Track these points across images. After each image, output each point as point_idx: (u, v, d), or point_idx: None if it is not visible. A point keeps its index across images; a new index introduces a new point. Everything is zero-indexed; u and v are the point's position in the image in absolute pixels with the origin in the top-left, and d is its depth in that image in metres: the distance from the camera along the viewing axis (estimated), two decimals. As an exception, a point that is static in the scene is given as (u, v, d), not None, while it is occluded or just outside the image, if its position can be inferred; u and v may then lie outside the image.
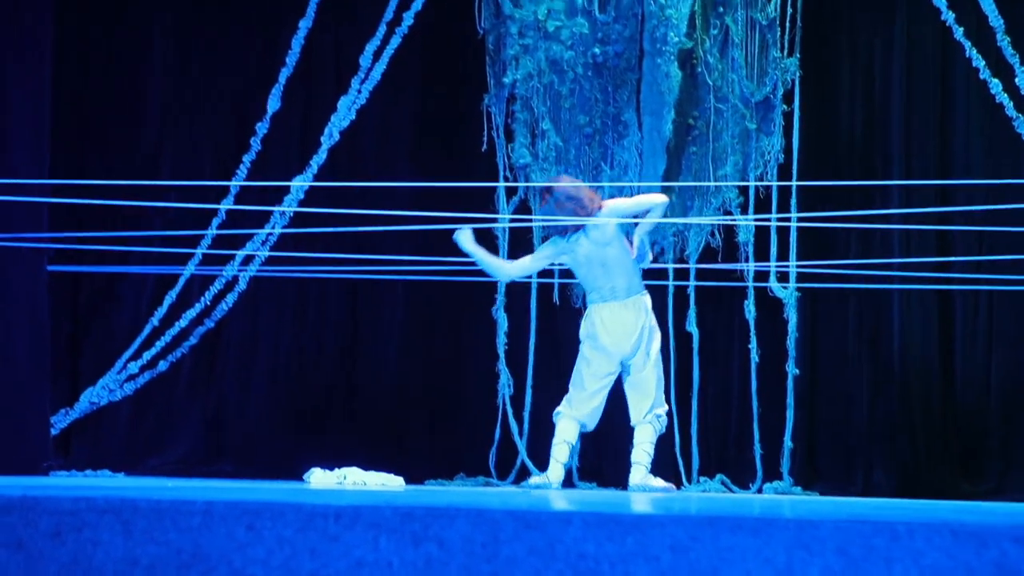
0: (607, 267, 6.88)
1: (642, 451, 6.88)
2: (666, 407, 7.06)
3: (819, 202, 7.72)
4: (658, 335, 6.98)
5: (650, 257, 7.12)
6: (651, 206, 6.89)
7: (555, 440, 6.97)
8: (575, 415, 6.94)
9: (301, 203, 8.12)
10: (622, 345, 6.87)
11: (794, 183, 7.89)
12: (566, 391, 7.05)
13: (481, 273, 7.25)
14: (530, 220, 7.85)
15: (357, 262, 7.76)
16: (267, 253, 8.13)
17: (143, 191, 8.12)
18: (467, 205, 7.44)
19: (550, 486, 6.90)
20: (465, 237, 6.96)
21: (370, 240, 7.72)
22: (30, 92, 7.21)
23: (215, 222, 8.06)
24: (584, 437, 7.28)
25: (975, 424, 7.79)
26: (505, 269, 7.15)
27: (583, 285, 7.12)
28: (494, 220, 8.01)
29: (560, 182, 7.03)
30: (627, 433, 7.05)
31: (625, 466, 7.18)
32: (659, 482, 6.91)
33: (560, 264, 7.36)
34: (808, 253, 7.86)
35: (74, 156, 8.22)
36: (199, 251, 8.07)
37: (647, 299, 6.96)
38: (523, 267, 7.11)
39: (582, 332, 6.98)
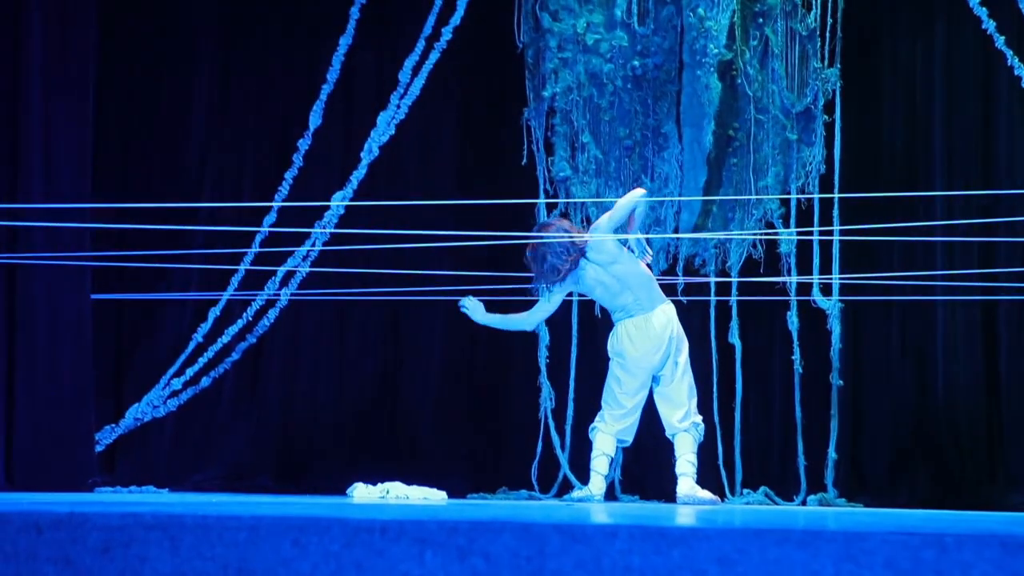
0: (622, 283, 6.85)
1: (686, 461, 6.85)
2: (700, 416, 7.02)
3: (861, 213, 7.68)
4: (686, 344, 6.95)
5: (649, 252, 7.07)
6: (634, 205, 6.82)
7: (594, 453, 6.95)
8: (611, 432, 6.93)
9: (342, 219, 8.16)
10: (651, 358, 6.84)
11: (836, 195, 7.85)
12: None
13: (524, 290, 7.23)
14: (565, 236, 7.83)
15: (398, 278, 7.78)
16: (308, 269, 8.16)
17: (185, 215, 8.19)
18: (508, 219, 7.45)
19: (592, 499, 6.89)
20: (476, 310, 7.01)
21: (411, 255, 7.74)
22: (74, 119, 7.28)
23: (258, 238, 8.11)
24: (626, 450, 7.27)
25: (1021, 435, 7.71)
26: (525, 321, 7.12)
27: (606, 307, 7.08)
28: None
29: (541, 237, 6.91)
30: (668, 445, 7.03)
31: (667, 478, 7.15)
32: (706, 494, 6.88)
33: (582, 296, 7.38)
34: (850, 264, 7.82)
35: (117, 172, 8.28)
36: (242, 267, 8.11)
37: (671, 308, 6.93)
38: (541, 313, 7.06)
39: (610, 350, 6.96)
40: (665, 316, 6.87)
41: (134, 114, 8.42)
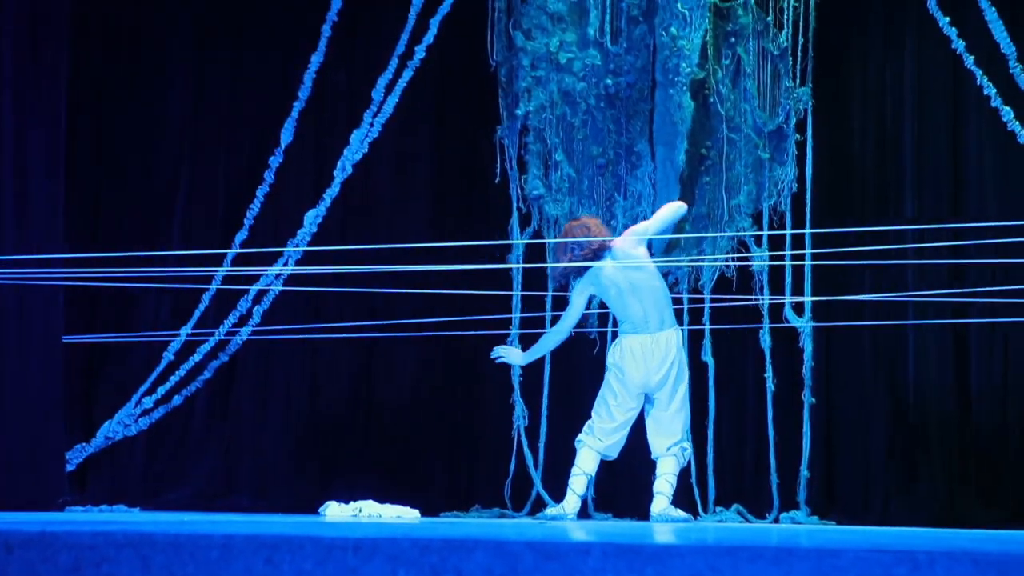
0: (637, 293, 6.82)
1: (665, 481, 6.84)
2: (689, 443, 7.02)
3: (833, 234, 7.72)
4: (687, 376, 6.94)
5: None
6: (674, 219, 6.93)
7: (574, 470, 6.93)
8: (597, 447, 6.89)
9: (315, 236, 8.15)
10: (649, 379, 6.82)
11: (808, 231, 7.87)
12: (580, 422, 7.02)
13: (496, 307, 7.24)
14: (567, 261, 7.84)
15: (370, 296, 7.77)
16: (280, 289, 8.15)
17: (157, 230, 8.17)
18: (481, 236, 7.46)
19: (566, 517, 6.87)
20: (512, 354, 7.05)
21: (384, 274, 7.74)
22: (46, 130, 7.25)
23: (229, 256, 8.09)
24: (600, 468, 7.25)
25: (992, 452, 7.75)
26: (558, 331, 7.08)
27: (615, 314, 7.04)
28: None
29: (570, 231, 6.96)
30: (643, 463, 7.03)
31: (641, 496, 7.16)
32: (679, 513, 6.88)
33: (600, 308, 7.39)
34: (822, 282, 7.85)
35: (90, 187, 8.26)
36: (213, 286, 8.09)
37: (678, 335, 6.92)
38: (570, 318, 7.02)
39: (609, 360, 6.93)
40: (672, 340, 6.85)
41: (106, 131, 8.40)
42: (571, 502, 6.90)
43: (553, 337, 7.12)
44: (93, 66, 8.31)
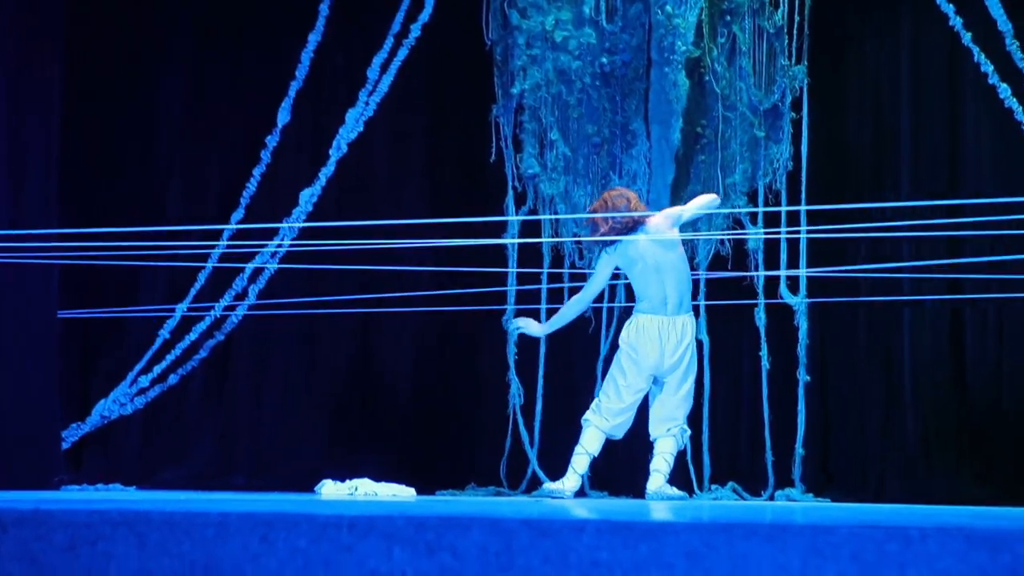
0: (661, 273, 6.77)
1: (662, 460, 6.84)
2: (688, 427, 7.00)
3: (829, 211, 7.71)
4: (695, 367, 6.91)
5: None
6: (708, 207, 6.95)
7: (578, 449, 6.88)
8: (604, 427, 6.86)
9: (311, 215, 8.14)
10: (663, 361, 6.77)
11: (803, 206, 7.87)
12: (576, 400, 7.03)
13: (493, 284, 7.24)
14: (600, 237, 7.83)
15: (368, 274, 7.77)
16: (276, 267, 8.14)
17: (153, 210, 8.16)
18: (477, 214, 7.45)
19: (564, 495, 6.87)
20: (530, 326, 6.99)
21: (381, 252, 7.73)
22: (42, 100, 7.23)
23: (225, 234, 8.08)
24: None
25: (987, 429, 7.76)
26: (579, 301, 7.02)
27: (636, 291, 6.92)
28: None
29: (609, 200, 6.94)
30: (641, 443, 7.04)
31: (638, 476, 7.17)
32: (674, 491, 6.89)
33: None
34: (818, 260, 7.85)
35: (87, 167, 8.24)
36: (210, 264, 8.08)
37: (694, 322, 6.91)
38: (592, 288, 6.97)
39: (623, 339, 6.84)
40: (688, 326, 6.82)
41: (103, 110, 8.38)
42: (571, 480, 6.88)
43: (575, 307, 7.05)
44: (91, 46, 8.29)
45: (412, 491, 7.19)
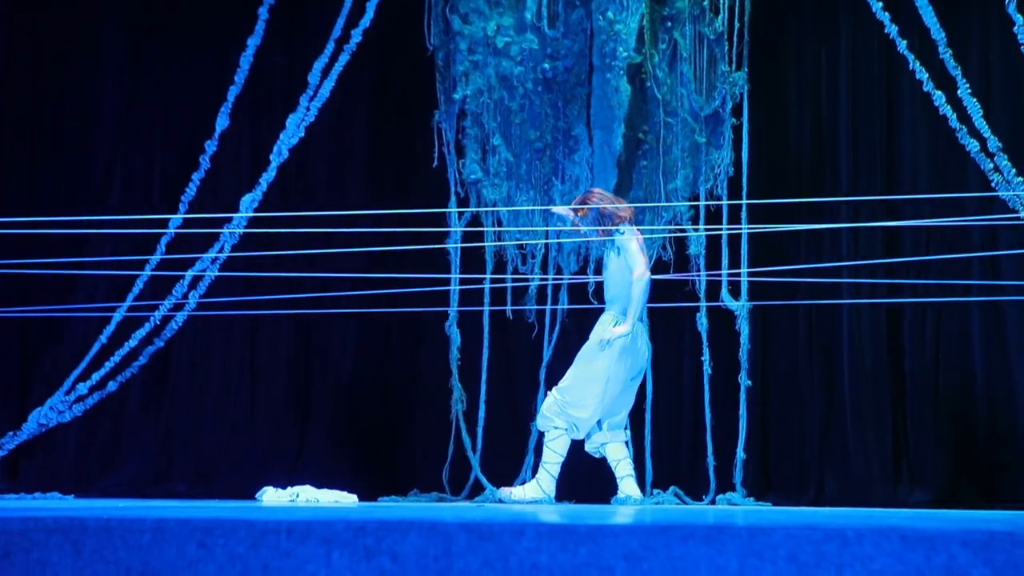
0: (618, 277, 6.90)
1: (629, 463, 6.91)
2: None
3: (769, 214, 7.78)
4: (594, 359, 6.92)
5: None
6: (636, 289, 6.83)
7: (557, 459, 6.87)
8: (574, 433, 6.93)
9: (251, 221, 8.09)
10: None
11: (744, 201, 7.92)
12: (519, 406, 7.02)
13: (435, 292, 7.22)
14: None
15: (308, 281, 7.74)
16: (216, 274, 8.08)
17: (92, 214, 8.08)
18: (419, 220, 7.44)
19: (549, 500, 6.91)
20: (620, 331, 6.83)
21: (321, 257, 7.70)
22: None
23: (163, 241, 8.01)
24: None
25: (925, 432, 7.84)
26: (643, 282, 6.90)
27: (620, 301, 6.96)
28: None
29: (593, 198, 6.96)
30: (580, 447, 7.04)
31: (575, 479, 7.17)
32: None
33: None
34: (759, 265, 7.90)
35: (23, 175, 8.16)
36: (147, 269, 8.02)
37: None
38: (643, 266, 6.94)
39: (621, 343, 6.83)
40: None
41: (39, 116, 8.31)
42: (549, 484, 6.90)
43: (640, 285, 6.87)
44: (25, 49, 8.21)
45: (354, 498, 7.17)
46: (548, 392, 6.99)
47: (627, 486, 6.89)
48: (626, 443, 6.99)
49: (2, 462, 7.69)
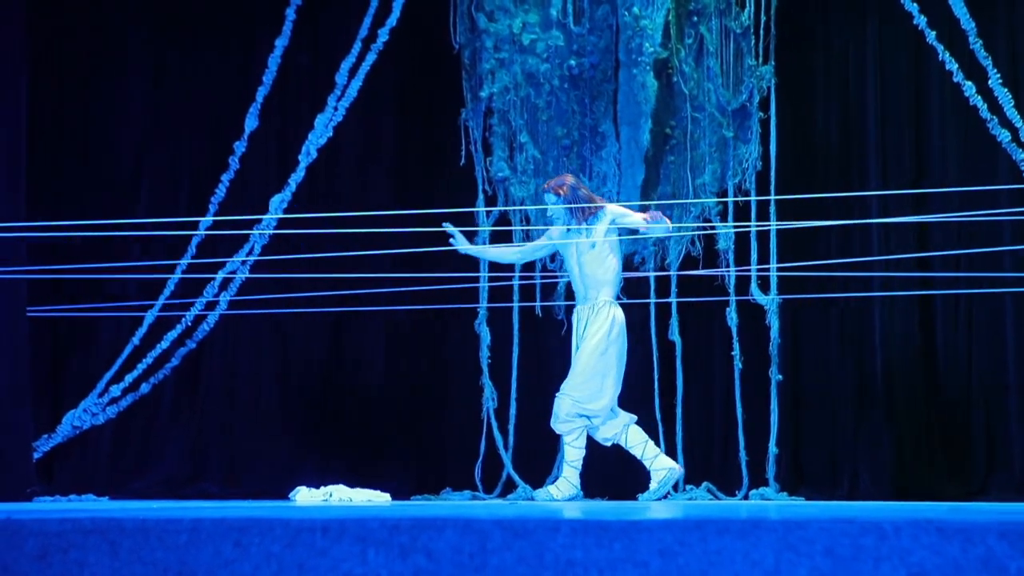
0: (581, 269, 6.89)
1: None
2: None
3: (798, 208, 7.74)
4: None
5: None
6: (654, 230, 6.89)
7: (580, 455, 6.92)
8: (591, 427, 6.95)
9: (280, 222, 8.12)
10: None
11: (772, 197, 7.90)
12: (550, 403, 7.00)
13: (464, 288, 7.24)
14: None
15: (337, 281, 7.75)
16: (246, 275, 8.11)
17: (121, 216, 8.11)
18: (447, 218, 7.45)
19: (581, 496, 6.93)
20: (460, 238, 7.06)
21: (351, 258, 7.72)
22: (6, 123, 7.19)
23: (194, 241, 8.05)
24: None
25: (959, 425, 7.80)
26: (507, 252, 7.21)
27: (617, 277, 6.98)
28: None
29: (567, 181, 7.00)
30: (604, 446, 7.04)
31: (611, 475, 7.17)
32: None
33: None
34: (788, 259, 7.87)
35: (52, 178, 8.20)
36: (177, 274, 8.05)
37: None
38: (528, 250, 7.16)
39: (618, 334, 6.87)
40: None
41: (68, 120, 8.34)
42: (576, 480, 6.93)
43: (499, 254, 7.23)
44: (52, 54, 8.24)
45: (387, 497, 7.18)
46: (560, 397, 6.93)
47: (662, 462, 6.87)
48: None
49: (37, 465, 7.72)
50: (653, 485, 6.89)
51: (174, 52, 8.46)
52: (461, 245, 7.10)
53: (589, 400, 6.81)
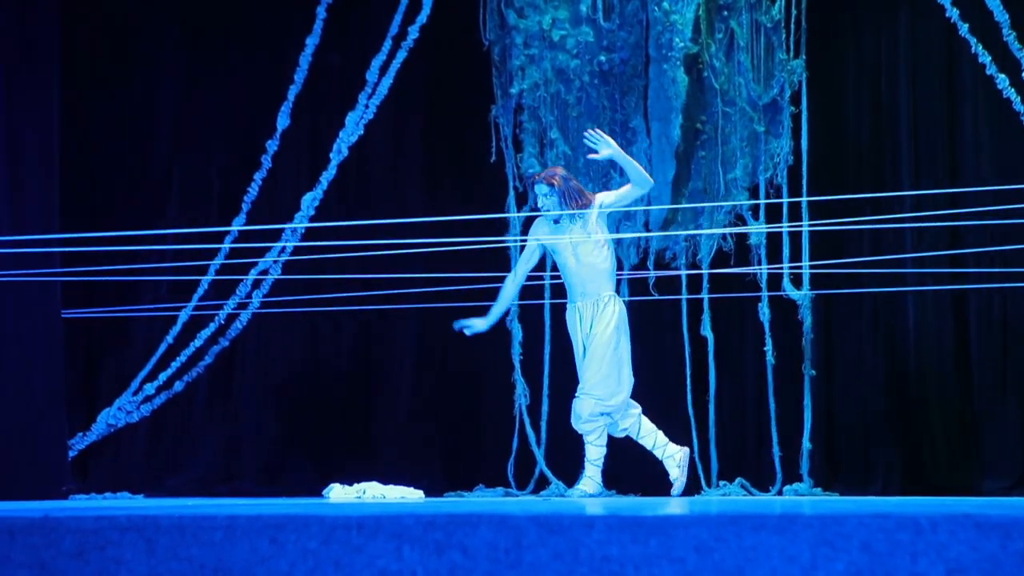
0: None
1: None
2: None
3: (830, 204, 7.71)
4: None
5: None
6: (630, 195, 6.87)
7: (601, 453, 6.90)
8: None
9: (312, 220, 8.14)
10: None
11: (804, 197, 7.86)
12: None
13: (495, 286, 7.23)
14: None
15: (370, 280, 7.76)
16: (277, 276, 8.14)
17: (153, 218, 8.16)
18: (479, 215, 7.46)
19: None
20: (475, 324, 6.97)
21: (382, 256, 7.72)
22: (39, 122, 7.24)
23: (227, 240, 8.08)
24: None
25: (994, 420, 7.75)
26: (510, 287, 7.04)
27: (611, 271, 6.94)
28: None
29: (559, 172, 6.98)
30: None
31: (643, 472, 7.16)
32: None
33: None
34: (820, 254, 7.84)
35: (85, 179, 8.24)
36: (210, 275, 8.08)
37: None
38: (521, 268, 6.99)
39: (624, 326, 6.84)
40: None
41: (100, 120, 8.37)
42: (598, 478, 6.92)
43: (508, 295, 7.05)
44: (84, 52, 8.28)
45: (420, 493, 7.19)
46: (581, 398, 6.89)
47: (672, 449, 6.84)
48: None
49: (72, 463, 7.78)
50: (675, 473, 6.85)
51: (205, 52, 8.48)
52: (482, 324, 6.99)
53: (610, 397, 6.79)
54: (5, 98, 7.09)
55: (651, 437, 6.87)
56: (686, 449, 6.93)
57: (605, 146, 6.81)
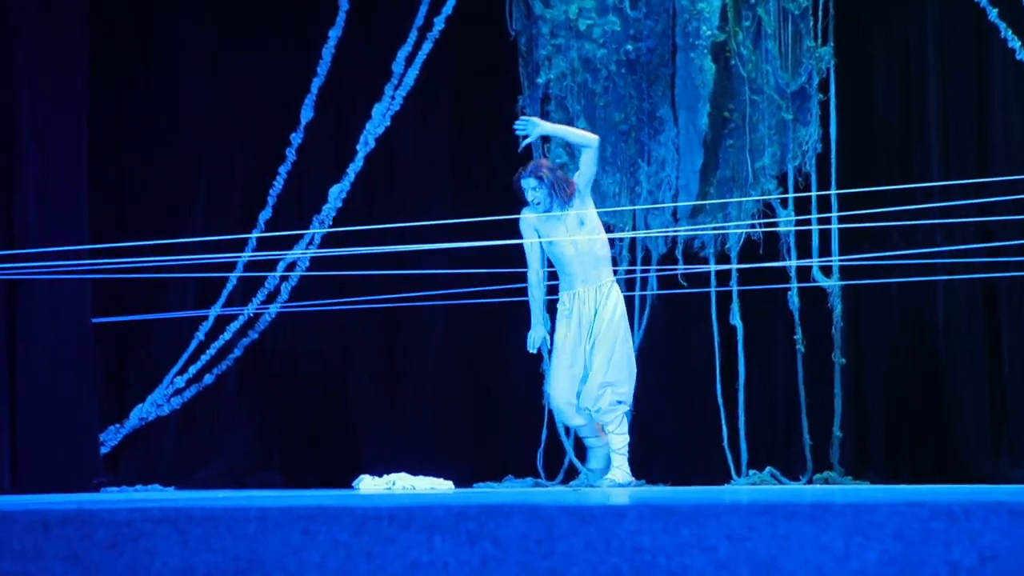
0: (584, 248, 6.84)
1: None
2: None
3: (859, 193, 7.67)
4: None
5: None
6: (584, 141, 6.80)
7: (626, 440, 6.85)
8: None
9: (340, 211, 8.15)
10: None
11: (833, 190, 7.82)
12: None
13: (524, 275, 7.22)
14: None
15: (397, 269, 7.77)
16: (304, 272, 8.16)
17: (180, 212, 8.19)
18: (505, 206, 7.44)
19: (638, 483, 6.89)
20: (536, 334, 6.97)
21: (410, 248, 7.73)
22: (69, 122, 7.29)
23: (254, 234, 8.11)
24: (634, 434, 7.18)
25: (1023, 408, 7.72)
26: (536, 282, 6.99)
27: (606, 256, 6.89)
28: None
29: (544, 163, 6.95)
30: (675, 429, 7.01)
31: (675, 461, 7.15)
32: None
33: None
34: (850, 242, 7.81)
35: (111, 172, 8.27)
36: (236, 271, 8.10)
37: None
38: (532, 262, 6.94)
39: (621, 311, 6.82)
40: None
41: (126, 115, 8.40)
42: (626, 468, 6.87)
43: (538, 290, 6.99)
44: (110, 50, 8.31)
45: (450, 484, 7.20)
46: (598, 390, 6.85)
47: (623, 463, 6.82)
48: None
49: (105, 456, 7.82)
50: (620, 476, 6.76)
51: (229, 45, 8.50)
52: (540, 330, 6.99)
53: (623, 384, 6.77)
54: (35, 102, 7.13)
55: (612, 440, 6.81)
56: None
57: (532, 126, 6.79)
